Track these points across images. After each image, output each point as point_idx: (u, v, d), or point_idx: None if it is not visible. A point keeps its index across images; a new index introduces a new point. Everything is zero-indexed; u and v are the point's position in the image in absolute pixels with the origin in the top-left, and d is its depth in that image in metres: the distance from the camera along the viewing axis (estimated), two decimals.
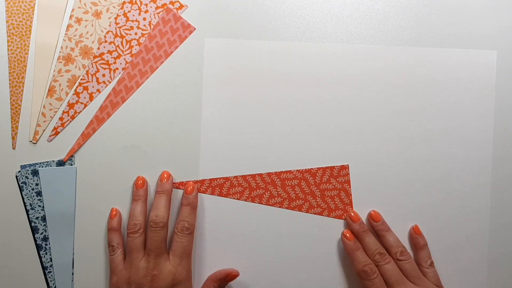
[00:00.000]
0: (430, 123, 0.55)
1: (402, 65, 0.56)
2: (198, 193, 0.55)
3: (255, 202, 0.55)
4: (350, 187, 0.55)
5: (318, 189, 0.55)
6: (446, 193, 0.55)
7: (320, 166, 0.55)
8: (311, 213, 0.55)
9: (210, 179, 0.55)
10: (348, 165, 0.55)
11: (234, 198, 0.55)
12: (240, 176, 0.55)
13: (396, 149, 0.55)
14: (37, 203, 0.55)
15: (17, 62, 0.56)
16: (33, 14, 0.56)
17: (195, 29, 0.56)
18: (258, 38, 0.56)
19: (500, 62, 0.56)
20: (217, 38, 0.56)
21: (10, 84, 0.55)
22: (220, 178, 0.55)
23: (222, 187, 0.55)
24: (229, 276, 0.53)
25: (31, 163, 0.55)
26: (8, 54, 0.56)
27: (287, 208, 0.55)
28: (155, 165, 0.55)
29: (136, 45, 0.56)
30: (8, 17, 0.56)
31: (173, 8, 0.56)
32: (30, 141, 0.55)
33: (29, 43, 0.56)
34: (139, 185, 0.54)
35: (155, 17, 0.56)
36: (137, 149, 0.56)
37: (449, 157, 0.55)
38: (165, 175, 0.54)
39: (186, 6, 0.56)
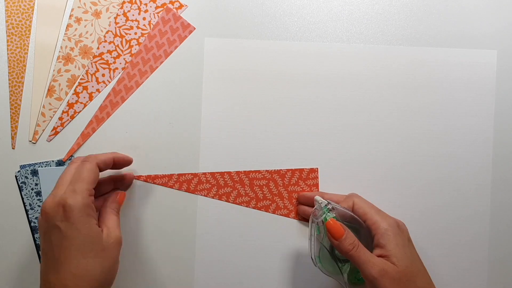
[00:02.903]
0: (430, 123, 0.55)
1: (402, 65, 0.56)
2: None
3: (222, 200, 0.55)
4: (318, 190, 0.55)
5: (286, 190, 0.55)
6: (446, 193, 0.55)
7: (290, 168, 0.55)
8: (277, 214, 0.55)
9: (178, 174, 0.55)
10: (317, 168, 0.55)
11: (202, 195, 0.55)
12: (208, 173, 0.55)
13: (396, 149, 0.55)
14: (36, 203, 0.55)
15: (16, 62, 0.56)
16: (32, 14, 0.56)
17: (195, 29, 0.56)
18: (258, 38, 0.56)
19: (500, 62, 0.56)
20: (217, 38, 0.56)
21: (9, 84, 0.55)
22: (188, 174, 0.55)
23: (190, 182, 0.55)
24: (120, 198, 0.51)
25: (30, 163, 0.55)
26: (8, 54, 0.56)
27: (254, 207, 0.55)
28: (155, 165, 0.55)
29: (135, 44, 0.56)
30: (8, 17, 0.56)
31: (173, 8, 0.56)
32: (30, 141, 0.55)
33: (28, 43, 0.56)
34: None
35: (154, 17, 0.56)
36: (137, 149, 0.55)
37: (449, 157, 0.55)
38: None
39: (186, 6, 0.56)
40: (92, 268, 0.43)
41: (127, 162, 0.52)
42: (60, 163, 0.55)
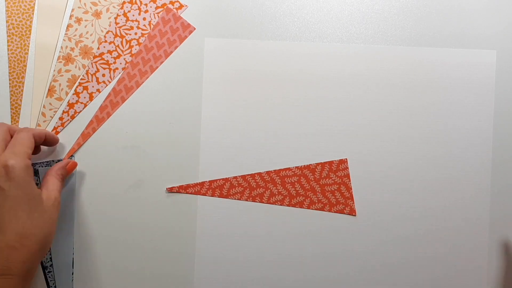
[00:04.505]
0: (429, 123, 0.55)
1: (402, 65, 0.56)
2: (198, 196, 0.55)
3: (256, 201, 0.55)
4: (350, 181, 0.55)
5: (318, 184, 0.55)
6: (445, 193, 0.55)
7: (319, 162, 0.55)
8: (312, 209, 0.55)
9: (209, 181, 0.55)
10: (346, 159, 0.55)
11: (235, 199, 0.55)
12: (239, 176, 0.55)
13: (395, 149, 0.55)
14: None
15: (17, 62, 0.56)
16: (33, 14, 0.56)
17: (195, 29, 0.56)
18: (258, 38, 0.56)
19: (500, 62, 0.56)
20: (217, 38, 0.56)
21: (10, 84, 0.55)
22: (219, 180, 0.55)
23: (222, 188, 0.55)
24: (70, 166, 0.53)
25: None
26: (8, 54, 0.56)
27: (288, 205, 0.55)
28: (155, 165, 0.55)
29: (136, 45, 0.56)
30: (8, 17, 0.56)
31: (173, 8, 0.56)
32: None
33: (29, 43, 0.56)
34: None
35: (155, 17, 0.56)
36: (137, 149, 0.55)
37: (448, 157, 0.55)
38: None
39: (186, 6, 0.56)
40: (36, 227, 0.45)
41: (55, 141, 0.54)
42: None
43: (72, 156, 0.55)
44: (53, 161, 0.55)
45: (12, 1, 0.56)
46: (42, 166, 0.55)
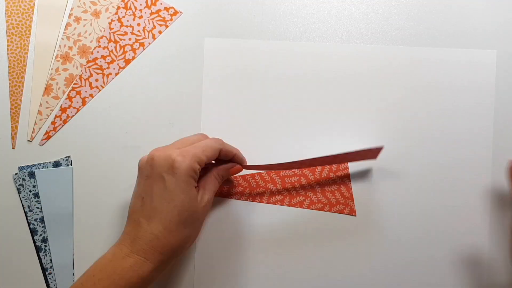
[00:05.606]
0: (429, 123, 0.55)
1: (402, 65, 0.56)
2: None
3: (256, 201, 0.55)
4: (350, 181, 0.55)
5: (318, 184, 0.55)
6: (446, 193, 0.55)
7: None
8: (312, 209, 0.55)
9: None
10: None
11: (235, 199, 0.55)
12: (239, 176, 0.55)
13: (395, 149, 0.55)
14: (35, 205, 0.55)
15: (16, 62, 0.56)
16: (32, 13, 0.56)
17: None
18: (258, 38, 0.56)
19: (500, 61, 0.56)
20: (217, 38, 0.56)
21: (10, 84, 0.55)
22: None
23: (222, 188, 0.55)
24: (234, 169, 0.53)
25: (30, 163, 0.55)
26: (8, 54, 0.56)
27: (288, 205, 0.55)
28: None
29: (130, 50, 0.56)
30: (8, 17, 0.56)
31: (168, 15, 0.56)
32: (28, 140, 0.55)
33: (28, 43, 0.56)
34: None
35: (149, 23, 0.56)
36: (137, 149, 0.55)
37: (448, 157, 0.55)
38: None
39: (181, 12, 0.56)
40: (183, 226, 0.45)
41: (242, 162, 0.53)
42: (57, 164, 0.55)
43: (68, 156, 0.55)
44: (49, 162, 0.55)
45: (12, 1, 0.56)
46: (39, 168, 0.55)
